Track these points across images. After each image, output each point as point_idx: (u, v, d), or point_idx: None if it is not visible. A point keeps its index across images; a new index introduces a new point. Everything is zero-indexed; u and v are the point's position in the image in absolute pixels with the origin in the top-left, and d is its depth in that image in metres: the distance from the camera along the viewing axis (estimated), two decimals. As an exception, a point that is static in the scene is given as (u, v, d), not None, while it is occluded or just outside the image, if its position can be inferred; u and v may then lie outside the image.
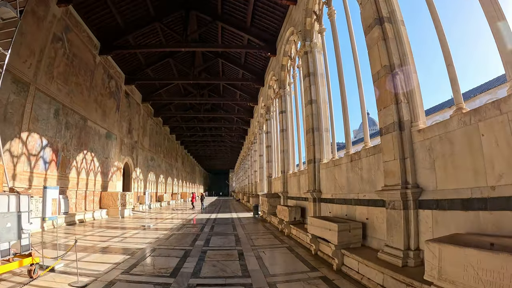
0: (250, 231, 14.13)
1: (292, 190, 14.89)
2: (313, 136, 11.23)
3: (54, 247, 9.50)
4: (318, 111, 11.47)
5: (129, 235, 12.82)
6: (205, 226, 15.98)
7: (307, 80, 12.01)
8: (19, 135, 12.71)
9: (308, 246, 9.78)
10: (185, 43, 19.34)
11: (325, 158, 10.95)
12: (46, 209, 7.93)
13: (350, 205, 8.52)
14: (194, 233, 13.44)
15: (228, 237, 12.45)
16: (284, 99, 17.21)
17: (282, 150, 16.53)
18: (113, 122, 22.58)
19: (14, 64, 12.10)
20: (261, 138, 27.58)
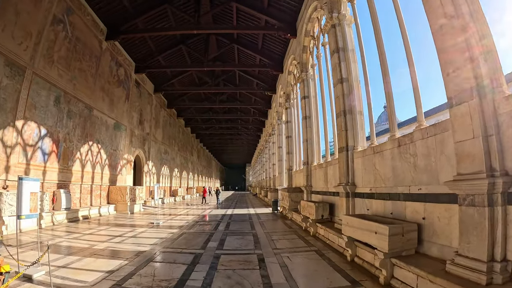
0: (270, 230, 12.57)
1: (317, 184, 13.21)
2: (345, 120, 9.53)
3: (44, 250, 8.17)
4: (350, 90, 9.75)
5: (133, 234, 11.43)
6: (220, 224, 14.52)
7: (335, 57, 10.31)
8: (13, 123, 11.47)
9: (341, 250, 8.29)
10: (197, 25, 17.84)
11: (359, 146, 9.24)
12: (21, 205, 6.53)
13: (397, 201, 6.83)
14: (207, 232, 11.96)
15: (246, 237, 10.91)
16: (307, 83, 15.49)
17: (305, 140, 14.85)
18: (122, 112, 21.28)
19: (7, 46, 10.99)
20: (280, 128, 25.91)
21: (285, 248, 8.99)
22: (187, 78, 29.79)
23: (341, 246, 8.36)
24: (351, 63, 9.99)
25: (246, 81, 29.87)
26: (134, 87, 23.10)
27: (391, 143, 7.15)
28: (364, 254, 6.95)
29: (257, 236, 11.03)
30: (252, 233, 11.63)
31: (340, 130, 9.71)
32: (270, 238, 10.50)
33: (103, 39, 17.83)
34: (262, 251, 8.48)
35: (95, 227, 12.82)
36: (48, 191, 13.33)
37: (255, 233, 11.60)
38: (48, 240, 9.79)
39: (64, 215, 13.74)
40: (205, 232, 11.96)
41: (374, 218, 6.95)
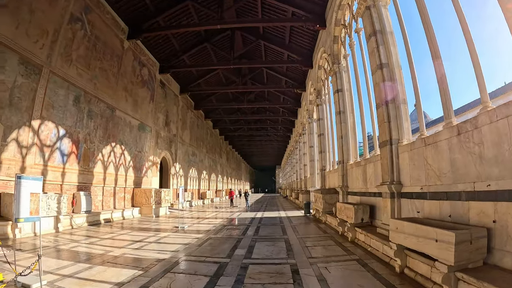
0: (303, 235, 11.41)
1: (354, 184, 11.94)
2: (387, 110, 8.28)
3: (55, 256, 7.52)
4: (392, 77, 8.51)
5: (154, 239, 10.57)
6: (249, 228, 13.47)
7: (372, 41, 9.09)
8: (28, 123, 11.04)
9: (386, 259, 7.10)
10: (221, 20, 17.03)
11: (405, 139, 7.98)
12: (19, 207, 5.76)
13: (458, 201, 5.57)
14: (235, 237, 10.92)
15: (277, 243, 9.79)
16: (339, 76, 14.24)
17: (339, 137, 13.59)
18: (147, 113, 20.74)
19: (21, 44, 10.63)
20: (311, 127, 24.65)
21: (321, 256, 7.84)
22: (213, 78, 29.10)
23: (386, 255, 7.15)
24: (390, 47, 8.76)
25: (274, 79, 28.80)
26: (159, 88, 22.58)
27: (448, 131, 5.88)
28: (417, 265, 5.75)
29: (289, 242, 9.90)
30: (284, 239, 10.50)
31: (381, 122, 8.47)
32: (303, 245, 9.35)
33: (124, 38, 17.37)
34: (296, 261, 7.36)
35: (115, 231, 12.12)
36: (67, 193, 12.84)
37: (287, 239, 10.47)
38: (62, 245, 9.19)
39: (84, 218, 13.17)
40: (232, 238, 10.95)
41: (429, 222, 5.71)
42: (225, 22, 17.15)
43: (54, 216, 11.18)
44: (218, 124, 42.33)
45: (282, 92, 30.77)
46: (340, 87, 14.00)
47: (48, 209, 10.83)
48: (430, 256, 4.95)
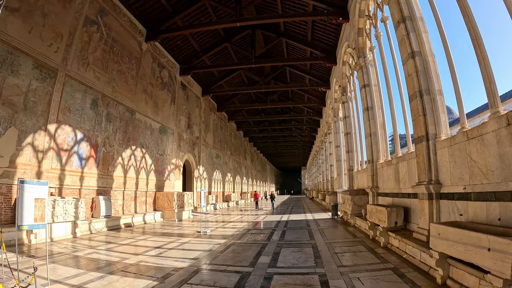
0: (332, 239, 10.65)
1: (385, 184, 11.07)
2: (422, 103, 7.47)
3: (67, 263, 7.19)
4: (426, 66, 7.70)
5: (175, 245, 10.08)
6: (274, 232, 12.78)
7: (402, 28, 8.30)
8: (44, 127, 10.87)
9: (425, 268, 6.35)
10: (240, 17, 16.53)
11: (443, 133, 7.15)
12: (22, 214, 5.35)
13: (509, 202, 4.78)
14: (259, 243, 10.26)
15: (304, 249, 9.07)
16: (366, 70, 13.41)
17: (367, 134, 12.75)
18: (168, 115, 20.49)
19: (35, 47, 10.50)
20: (337, 126, 23.73)
21: (352, 264, 7.09)
22: (235, 79, 28.74)
23: (425, 263, 6.36)
24: (421, 34, 7.94)
25: (297, 78, 28.08)
26: (180, 90, 22.31)
27: (495, 122, 5.06)
28: (462, 276, 4.96)
29: (317, 247, 9.16)
30: (311, 244, 9.76)
31: (416, 115, 7.65)
32: (332, 251, 8.60)
33: (142, 41, 17.17)
34: (325, 270, 6.65)
35: (134, 237, 11.75)
36: (86, 197, 12.64)
37: (315, 244, 9.72)
38: (77, 251, 8.84)
39: (104, 223, 12.89)
40: (256, 243, 10.30)
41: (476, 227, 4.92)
42: (244, 19, 16.59)
43: (71, 221, 10.92)
44: (242, 126, 41.94)
45: (306, 91, 29.95)
46: (367, 82, 13.18)
47: (65, 214, 10.58)
48: (480, 267, 4.21)
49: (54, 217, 10.20)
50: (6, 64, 9.55)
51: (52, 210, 10.13)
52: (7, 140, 9.55)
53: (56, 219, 10.26)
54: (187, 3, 16.94)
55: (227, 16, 18.17)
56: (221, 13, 18.51)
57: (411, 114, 7.94)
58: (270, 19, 17.02)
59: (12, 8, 9.71)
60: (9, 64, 9.65)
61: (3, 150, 9.44)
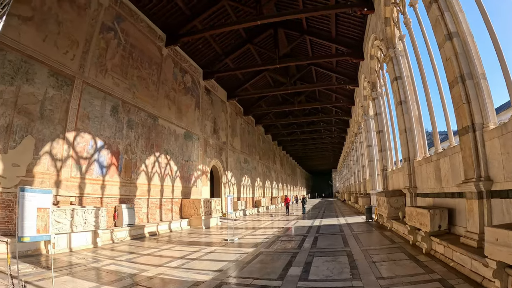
0: (368, 246, 9.72)
1: (424, 184, 10.03)
2: (465, 89, 6.54)
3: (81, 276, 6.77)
4: (465, 47, 6.78)
5: (199, 255, 9.50)
6: (305, 239, 11.90)
7: (434, 8, 7.40)
8: (62, 135, 10.69)
9: (477, 278, 5.44)
10: (260, 15, 16.01)
11: (491, 122, 6.21)
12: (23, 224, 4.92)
13: None
14: (290, 251, 9.46)
15: (338, 258, 8.21)
16: (396, 61, 12.42)
17: (402, 130, 11.71)
18: (193, 121, 20.16)
19: (50, 56, 10.38)
20: (367, 125, 22.59)
21: (393, 276, 6.20)
22: (261, 81, 28.23)
23: (476, 273, 5.45)
24: (457, 13, 7.01)
25: (323, 77, 27.18)
26: (204, 95, 21.99)
27: None
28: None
29: (353, 256, 8.28)
30: (346, 252, 8.88)
31: (458, 103, 6.72)
32: (370, 260, 7.70)
33: (162, 46, 16.95)
34: (363, 283, 5.83)
35: (158, 246, 11.28)
36: (108, 206, 12.38)
37: (350, 252, 8.83)
38: (94, 262, 8.45)
39: (127, 232, 12.55)
40: (286, 252, 9.50)
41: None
42: (264, 17, 15.96)
43: (91, 231, 10.62)
44: (270, 130, 41.33)
45: (333, 90, 28.87)
46: (399, 74, 12.18)
47: (85, 223, 10.29)
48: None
49: (73, 226, 9.91)
50: (21, 73, 9.42)
51: (70, 220, 9.85)
52: (23, 149, 9.38)
53: (75, 228, 9.97)
54: (205, 5, 16.58)
55: (247, 15, 17.64)
56: (241, 13, 18.05)
57: (453, 103, 6.99)
58: (291, 15, 16.24)
59: (24, 17, 9.61)
60: (24, 72, 9.51)
61: (20, 159, 9.27)
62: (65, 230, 9.66)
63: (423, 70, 10.15)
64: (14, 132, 9.16)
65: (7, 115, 8.98)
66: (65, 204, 10.41)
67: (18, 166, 9.20)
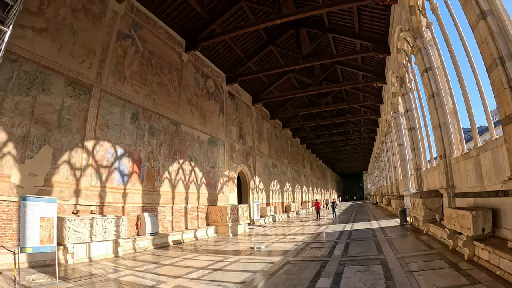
0: (404, 252, 8.91)
1: (463, 183, 9.09)
2: (505, 72, 5.77)
3: None
4: (502, 26, 6.05)
5: (222, 265, 9.01)
6: (336, 246, 11.12)
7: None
8: (81, 144, 10.66)
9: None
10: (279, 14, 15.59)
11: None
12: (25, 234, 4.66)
13: None
14: (319, 260, 8.79)
15: (372, 267, 7.46)
16: (425, 52, 11.54)
17: (435, 126, 10.78)
18: (217, 126, 19.92)
19: (66, 65, 10.41)
20: (398, 123, 21.54)
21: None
22: (285, 84, 27.76)
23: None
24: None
25: (349, 75, 26.31)
26: (228, 99, 21.73)
27: None
28: None
29: (387, 264, 7.51)
30: (380, 260, 8.12)
31: (499, 89, 5.94)
32: (407, 269, 6.92)
33: (182, 51, 16.81)
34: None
35: (180, 255, 10.93)
36: (130, 215, 12.22)
37: (384, 260, 8.05)
38: (112, 272, 8.21)
39: (150, 241, 12.28)
40: (315, 260, 8.85)
41: None
42: (284, 15, 15.42)
43: (112, 240, 10.43)
44: (298, 133, 40.62)
45: (360, 89, 27.86)
46: (429, 65, 11.31)
47: (105, 232, 10.10)
48: None
49: (93, 236, 9.74)
50: (37, 83, 9.45)
51: (90, 229, 9.69)
52: (41, 158, 9.36)
53: (95, 238, 9.80)
54: (223, 7, 16.28)
55: (266, 15, 17.20)
56: (260, 14, 17.65)
57: (493, 89, 6.21)
58: (311, 12, 15.56)
59: (39, 28, 9.68)
60: (40, 83, 9.53)
61: (37, 169, 9.24)
62: (84, 239, 9.51)
63: (455, 57, 9.30)
64: (31, 142, 9.16)
65: (24, 125, 8.97)
66: (85, 213, 10.30)
67: (35, 176, 9.17)
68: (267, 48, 21.21)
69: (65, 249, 9.03)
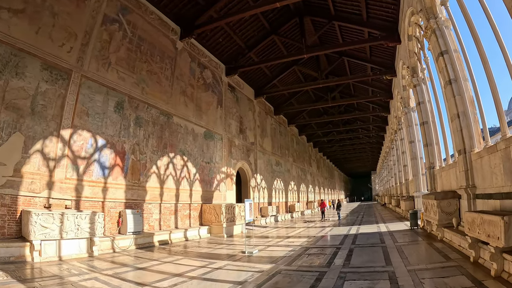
0: (416, 264, 7.56)
1: (487, 182, 7.66)
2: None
3: None
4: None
5: (201, 272, 7.80)
6: (338, 252, 9.77)
7: None
8: (57, 132, 9.76)
9: None
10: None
11: None
12: None
13: None
14: (315, 271, 7.46)
15: (378, 284, 6.11)
16: (440, 33, 10.11)
17: (455, 115, 9.29)
18: (215, 119, 18.79)
19: (44, 48, 9.62)
20: (408, 118, 20.13)
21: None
22: (290, 77, 26.55)
23: None
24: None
25: (357, 68, 24.93)
26: (227, 92, 20.62)
27: None
28: None
29: (397, 280, 6.19)
30: (388, 274, 6.79)
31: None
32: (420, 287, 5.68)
33: (176, 39, 15.75)
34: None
35: (161, 258, 9.75)
36: (111, 211, 11.27)
37: (393, 274, 6.72)
38: (75, 275, 7.13)
39: (131, 240, 11.19)
40: (311, 271, 7.53)
41: None
42: (285, 0, 14.26)
43: (86, 238, 9.40)
44: (304, 130, 39.38)
45: (369, 83, 26.51)
46: (444, 48, 9.89)
47: (77, 229, 9.11)
48: None
49: (63, 232, 8.78)
50: (10, 66, 8.66)
51: (60, 225, 8.72)
52: (11, 147, 8.53)
53: (66, 235, 8.83)
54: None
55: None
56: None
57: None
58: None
59: (15, 9, 8.95)
60: (13, 66, 8.74)
61: (6, 158, 8.42)
62: (53, 236, 8.56)
63: (477, 36, 7.95)
64: (1, 129, 8.33)
65: (-8, 110, 8.08)
66: (59, 208, 9.37)
67: (4, 165, 8.34)
68: (269, 37, 20.04)
69: (31, 246, 8.14)
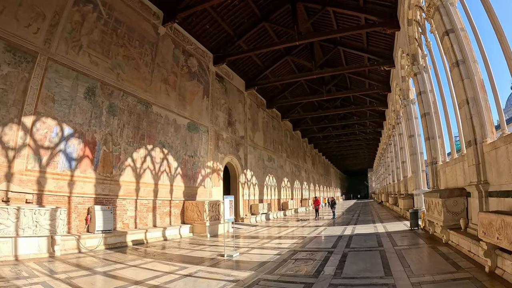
0: (421, 274, 6.34)
1: (503, 177, 6.47)
2: None
3: None
4: None
5: (166, 279, 6.66)
6: (329, 258, 8.55)
7: None
8: (17, 119, 8.88)
9: None
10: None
11: None
12: None
13: None
14: (300, 282, 6.31)
15: None
16: (445, 11, 8.80)
17: (463, 101, 8.06)
18: (200, 110, 17.66)
19: (7, 29, 8.90)
20: (408, 111, 19.03)
21: None
22: (283, 68, 25.47)
23: None
24: None
25: (353, 59, 23.73)
26: (215, 82, 19.52)
27: None
28: None
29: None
30: (388, 287, 5.67)
31: None
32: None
33: (158, 24, 14.71)
34: None
35: (128, 261, 8.67)
36: (79, 207, 10.27)
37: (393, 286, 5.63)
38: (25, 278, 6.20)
39: (100, 240, 10.16)
40: (295, 282, 6.38)
41: None
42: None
43: (46, 236, 8.43)
44: (299, 125, 38.37)
45: (366, 76, 25.40)
46: (450, 27, 8.74)
47: (36, 226, 8.19)
48: None
49: (20, 230, 7.87)
50: None
51: (15, 221, 7.79)
52: None
53: (23, 232, 7.92)
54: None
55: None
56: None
57: None
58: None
59: None
60: None
61: None
62: (8, 233, 7.66)
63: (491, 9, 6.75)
64: None
65: None
66: (19, 202, 8.42)
67: None
68: (259, 25, 18.93)
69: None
